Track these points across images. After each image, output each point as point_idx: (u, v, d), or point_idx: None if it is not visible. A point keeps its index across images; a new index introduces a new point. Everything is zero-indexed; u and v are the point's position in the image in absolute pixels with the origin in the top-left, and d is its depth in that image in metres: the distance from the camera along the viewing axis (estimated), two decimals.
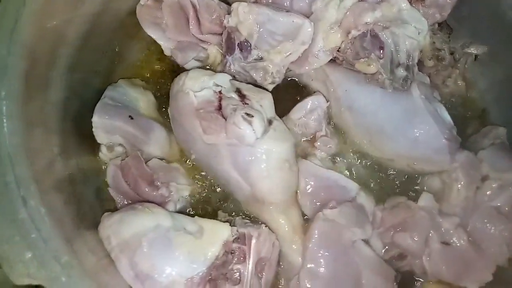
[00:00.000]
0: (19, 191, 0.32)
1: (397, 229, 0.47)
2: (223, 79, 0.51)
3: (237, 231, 0.43)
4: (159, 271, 0.39)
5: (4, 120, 0.35)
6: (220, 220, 0.45)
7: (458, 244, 0.46)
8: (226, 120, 0.47)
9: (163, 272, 0.39)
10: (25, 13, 0.36)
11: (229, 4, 0.55)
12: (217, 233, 0.42)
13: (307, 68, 0.55)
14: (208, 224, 0.43)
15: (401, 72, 0.51)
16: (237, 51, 0.54)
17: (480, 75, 0.59)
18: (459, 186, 0.48)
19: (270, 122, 0.50)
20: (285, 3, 0.54)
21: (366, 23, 0.51)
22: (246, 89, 0.52)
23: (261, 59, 0.54)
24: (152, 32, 0.55)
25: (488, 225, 0.47)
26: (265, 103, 0.50)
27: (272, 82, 0.55)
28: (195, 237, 0.41)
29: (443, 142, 0.49)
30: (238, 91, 0.51)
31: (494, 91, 0.58)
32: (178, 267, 0.40)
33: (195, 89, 0.49)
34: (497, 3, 0.53)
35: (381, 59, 0.50)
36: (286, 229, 0.47)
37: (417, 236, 0.46)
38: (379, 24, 0.51)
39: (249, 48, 0.54)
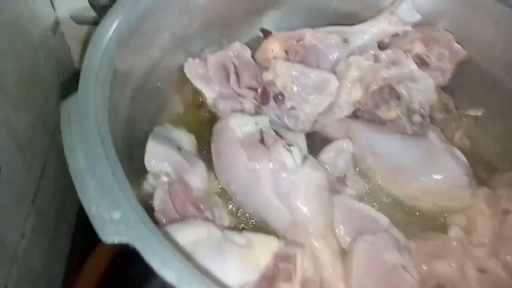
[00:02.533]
0: (108, 163, 0.35)
1: (432, 258, 0.49)
2: (263, 120, 0.57)
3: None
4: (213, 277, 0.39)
5: None
6: None
7: (495, 271, 0.48)
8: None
9: (218, 278, 0.39)
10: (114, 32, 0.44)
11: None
12: (267, 244, 0.43)
13: (331, 119, 0.63)
14: (256, 236, 0.44)
15: (417, 118, 0.58)
16: (272, 102, 0.62)
17: (481, 133, 0.66)
18: (484, 218, 0.52)
19: (305, 157, 0.54)
20: (314, 64, 0.64)
21: (384, 78, 0.60)
22: (282, 131, 0.58)
23: (293, 108, 0.61)
24: (198, 83, 0.62)
25: None
26: (299, 141, 0.56)
27: (303, 129, 0.62)
28: (245, 248, 0.43)
29: (464, 177, 0.54)
30: (275, 132, 0.57)
31: (498, 146, 0.65)
32: (232, 274, 0.40)
33: (239, 124, 0.55)
34: (488, 70, 0.63)
35: (399, 106, 0.58)
36: (326, 254, 0.48)
37: (454, 263, 0.48)
38: (394, 79, 0.60)
39: (283, 99, 0.61)
